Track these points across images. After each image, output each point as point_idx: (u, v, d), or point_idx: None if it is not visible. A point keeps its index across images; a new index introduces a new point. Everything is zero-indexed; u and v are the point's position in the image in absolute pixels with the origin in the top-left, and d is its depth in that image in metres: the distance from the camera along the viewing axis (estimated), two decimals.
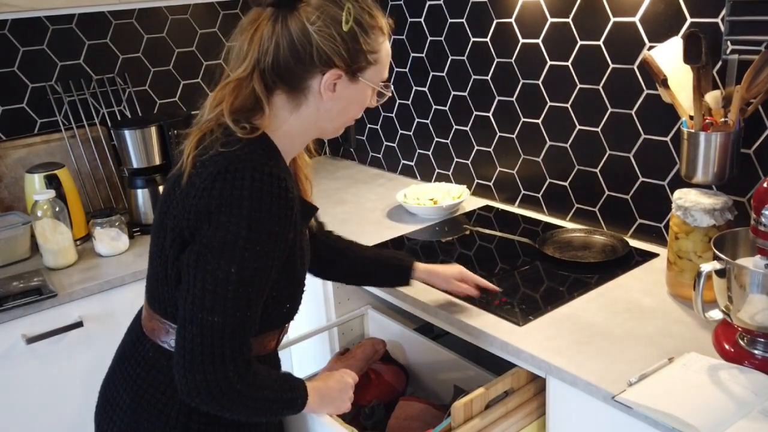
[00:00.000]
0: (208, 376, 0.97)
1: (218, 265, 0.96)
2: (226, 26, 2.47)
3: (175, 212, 1.03)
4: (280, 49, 1.02)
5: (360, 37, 1.04)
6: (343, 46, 1.03)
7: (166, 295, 1.09)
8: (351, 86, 1.08)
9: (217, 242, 0.97)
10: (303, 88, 1.06)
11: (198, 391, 0.98)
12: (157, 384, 1.11)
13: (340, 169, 2.65)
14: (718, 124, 1.40)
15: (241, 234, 0.96)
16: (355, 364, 1.63)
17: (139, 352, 1.15)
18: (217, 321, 0.97)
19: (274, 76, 1.04)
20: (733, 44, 1.43)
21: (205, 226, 0.98)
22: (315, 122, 1.10)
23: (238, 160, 0.98)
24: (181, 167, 1.05)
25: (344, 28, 1.02)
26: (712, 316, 1.22)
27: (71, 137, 2.15)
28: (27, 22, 2.07)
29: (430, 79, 2.26)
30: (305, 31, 1.01)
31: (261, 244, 0.97)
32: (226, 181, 0.97)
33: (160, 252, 1.08)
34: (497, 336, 1.34)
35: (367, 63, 1.07)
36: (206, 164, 1.00)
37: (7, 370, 1.64)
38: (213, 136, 1.03)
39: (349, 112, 1.12)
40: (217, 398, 0.99)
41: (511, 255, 1.73)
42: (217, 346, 0.97)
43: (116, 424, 1.14)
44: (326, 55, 1.02)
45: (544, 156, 1.96)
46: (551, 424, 1.31)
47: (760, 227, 1.14)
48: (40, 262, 1.84)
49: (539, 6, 1.83)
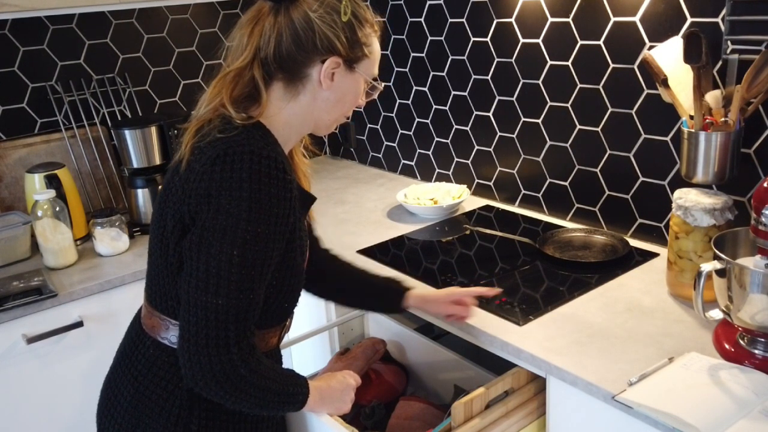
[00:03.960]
0: (213, 359, 0.98)
1: (221, 248, 0.97)
2: (226, 26, 2.47)
3: (175, 198, 1.04)
4: (282, 37, 1.05)
5: (357, 28, 1.09)
6: (343, 33, 1.07)
7: (166, 288, 1.10)
8: (348, 76, 1.11)
9: (219, 225, 0.98)
10: (302, 76, 1.08)
11: (203, 375, 0.99)
12: (158, 380, 1.11)
13: (340, 169, 2.65)
14: (719, 123, 1.40)
15: (242, 216, 0.97)
16: (355, 364, 1.63)
17: (140, 350, 1.15)
18: (221, 303, 0.98)
19: (275, 64, 1.07)
20: (733, 44, 1.43)
21: (205, 209, 0.99)
22: (311, 112, 1.12)
23: (237, 144, 0.99)
24: (180, 156, 1.06)
25: (343, 18, 1.06)
26: (712, 315, 1.22)
27: (71, 137, 2.15)
28: (27, 22, 2.07)
29: (430, 79, 2.26)
30: (308, 19, 1.05)
31: (262, 225, 0.99)
32: (225, 164, 0.98)
33: (161, 241, 1.08)
34: (497, 336, 1.34)
35: (363, 54, 1.11)
36: (204, 150, 1.02)
37: (7, 370, 1.64)
38: (211, 125, 1.05)
39: (344, 103, 1.14)
40: (221, 382, 0.99)
41: (511, 255, 1.73)
42: (222, 329, 0.98)
43: (117, 422, 1.14)
44: (328, 40, 1.06)
45: (544, 156, 1.96)
46: (551, 424, 1.31)
47: (760, 227, 1.14)
48: (41, 262, 1.84)
49: (539, 6, 1.83)
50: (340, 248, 1.83)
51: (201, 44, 2.44)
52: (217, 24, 2.46)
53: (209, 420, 1.11)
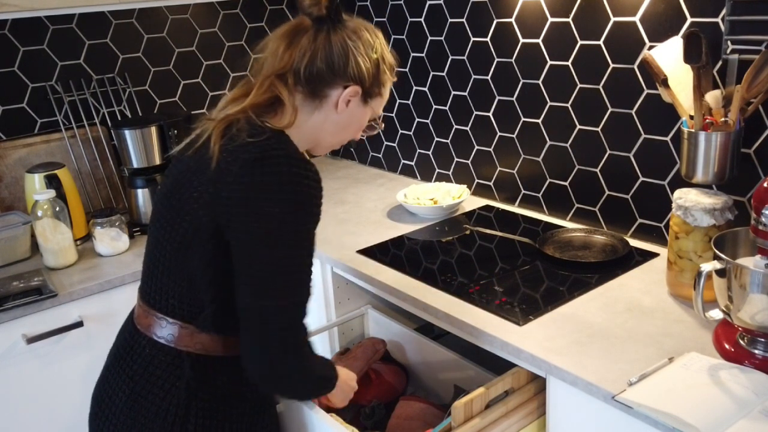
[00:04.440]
0: (288, 358, 1.06)
1: (270, 252, 1.03)
2: (226, 26, 2.47)
3: (202, 199, 1.05)
4: (317, 55, 1.11)
5: (381, 69, 1.17)
6: (370, 68, 1.15)
7: (169, 286, 1.11)
8: (360, 107, 1.18)
9: (265, 230, 1.02)
10: (322, 96, 1.14)
11: (278, 375, 1.07)
12: (154, 380, 1.11)
13: (340, 169, 2.65)
14: (719, 123, 1.40)
15: (286, 219, 1.02)
16: (355, 364, 1.63)
17: (135, 350, 1.15)
18: (283, 305, 1.05)
19: (303, 78, 1.12)
20: (733, 44, 1.43)
21: (245, 213, 1.02)
22: (319, 131, 1.17)
23: (272, 148, 1.04)
24: (202, 152, 1.08)
25: (374, 54, 1.15)
26: (712, 315, 1.22)
27: (71, 137, 2.15)
28: (27, 22, 2.07)
29: (430, 79, 2.26)
30: (345, 45, 1.12)
31: (304, 225, 1.06)
32: (264, 167, 1.02)
33: (171, 238, 1.09)
34: (497, 336, 1.34)
35: (378, 92, 1.19)
36: (237, 152, 1.04)
37: (7, 370, 1.64)
38: (239, 125, 1.08)
39: (348, 131, 1.21)
40: (294, 378, 1.10)
41: (511, 255, 1.73)
42: (291, 328, 1.07)
43: (112, 422, 1.14)
44: (358, 69, 1.13)
45: (544, 156, 1.96)
46: (551, 423, 1.31)
47: (760, 227, 1.14)
48: (41, 262, 1.84)
49: (539, 6, 1.83)
50: (341, 248, 1.83)
51: (201, 44, 2.44)
52: (217, 24, 2.46)
53: (206, 419, 1.12)
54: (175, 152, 1.18)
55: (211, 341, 1.12)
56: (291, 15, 2.62)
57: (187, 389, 1.10)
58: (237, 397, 1.15)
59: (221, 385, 1.13)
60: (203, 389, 1.12)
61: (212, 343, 1.13)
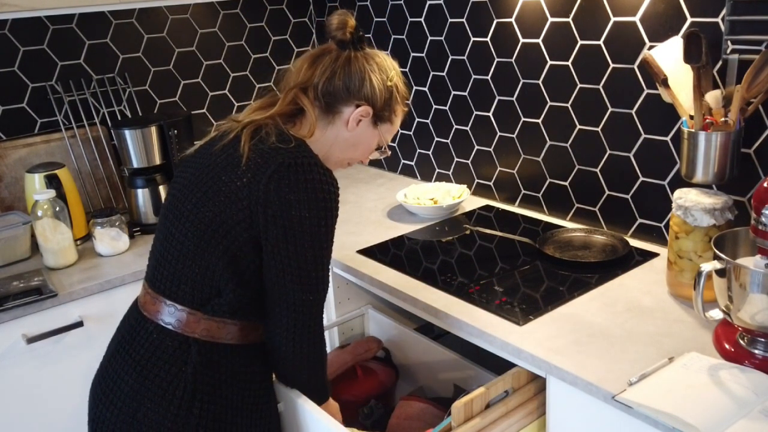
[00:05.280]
0: (315, 347, 1.20)
1: (312, 251, 1.13)
2: (226, 26, 2.47)
3: (234, 195, 1.12)
4: (336, 74, 1.21)
5: (394, 97, 1.27)
6: (384, 93, 1.25)
7: (183, 273, 1.15)
8: (369, 129, 1.27)
9: (308, 230, 1.12)
10: (336, 111, 1.23)
11: (305, 362, 1.20)
12: (161, 364, 1.14)
13: (340, 169, 2.65)
14: (719, 123, 1.40)
15: (322, 222, 1.13)
16: (342, 356, 1.69)
17: (141, 335, 1.18)
18: (314, 299, 1.16)
19: (321, 93, 1.22)
20: (733, 44, 1.43)
21: (287, 218, 1.10)
22: (330, 146, 1.26)
23: (301, 155, 1.13)
24: (230, 150, 1.16)
25: (388, 82, 1.25)
26: (712, 315, 1.22)
27: (71, 137, 2.15)
28: (27, 22, 2.07)
29: (430, 78, 2.26)
30: (363, 69, 1.22)
31: (333, 225, 1.16)
32: (299, 174, 1.11)
33: (193, 227, 1.14)
34: (497, 336, 1.34)
35: (388, 118, 1.28)
36: (269, 154, 1.13)
37: (7, 370, 1.64)
38: (267, 128, 1.17)
39: (356, 150, 1.30)
40: (314, 364, 1.22)
41: (511, 255, 1.73)
42: (318, 320, 1.19)
43: (117, 407, 1.15)
44: (372, 91, 1.23)
45: (544, 156, 1.96)
46: (551, 423, 1.31)
47: (760, 227, 1.14)
48: (41, 262, 1.84)
49: (539, 6, 1.83)
50: (340, 248, 1.83)
51: (201, 44, 2.44)
52: (217, 24, 2.46)
53: (211, 404, 1.15)
54: (194, 149, 1.24)
55: (217, 328, 1.16)
56: (291, 15, 2.63)
57: (194, 373, 1.14)
58: (241, 385, 1.18)
59: (226, 372, 1.17)
60: (209, 374, 1.15)
61: (218, 330, 1.16)
